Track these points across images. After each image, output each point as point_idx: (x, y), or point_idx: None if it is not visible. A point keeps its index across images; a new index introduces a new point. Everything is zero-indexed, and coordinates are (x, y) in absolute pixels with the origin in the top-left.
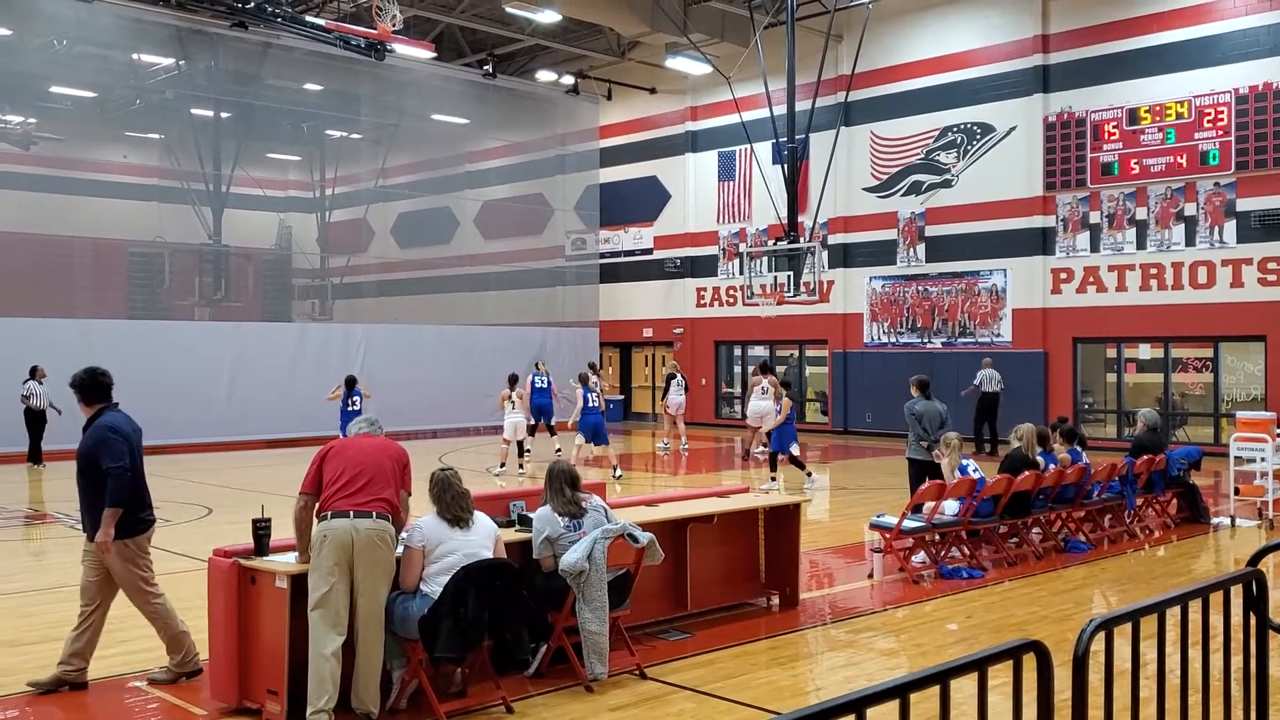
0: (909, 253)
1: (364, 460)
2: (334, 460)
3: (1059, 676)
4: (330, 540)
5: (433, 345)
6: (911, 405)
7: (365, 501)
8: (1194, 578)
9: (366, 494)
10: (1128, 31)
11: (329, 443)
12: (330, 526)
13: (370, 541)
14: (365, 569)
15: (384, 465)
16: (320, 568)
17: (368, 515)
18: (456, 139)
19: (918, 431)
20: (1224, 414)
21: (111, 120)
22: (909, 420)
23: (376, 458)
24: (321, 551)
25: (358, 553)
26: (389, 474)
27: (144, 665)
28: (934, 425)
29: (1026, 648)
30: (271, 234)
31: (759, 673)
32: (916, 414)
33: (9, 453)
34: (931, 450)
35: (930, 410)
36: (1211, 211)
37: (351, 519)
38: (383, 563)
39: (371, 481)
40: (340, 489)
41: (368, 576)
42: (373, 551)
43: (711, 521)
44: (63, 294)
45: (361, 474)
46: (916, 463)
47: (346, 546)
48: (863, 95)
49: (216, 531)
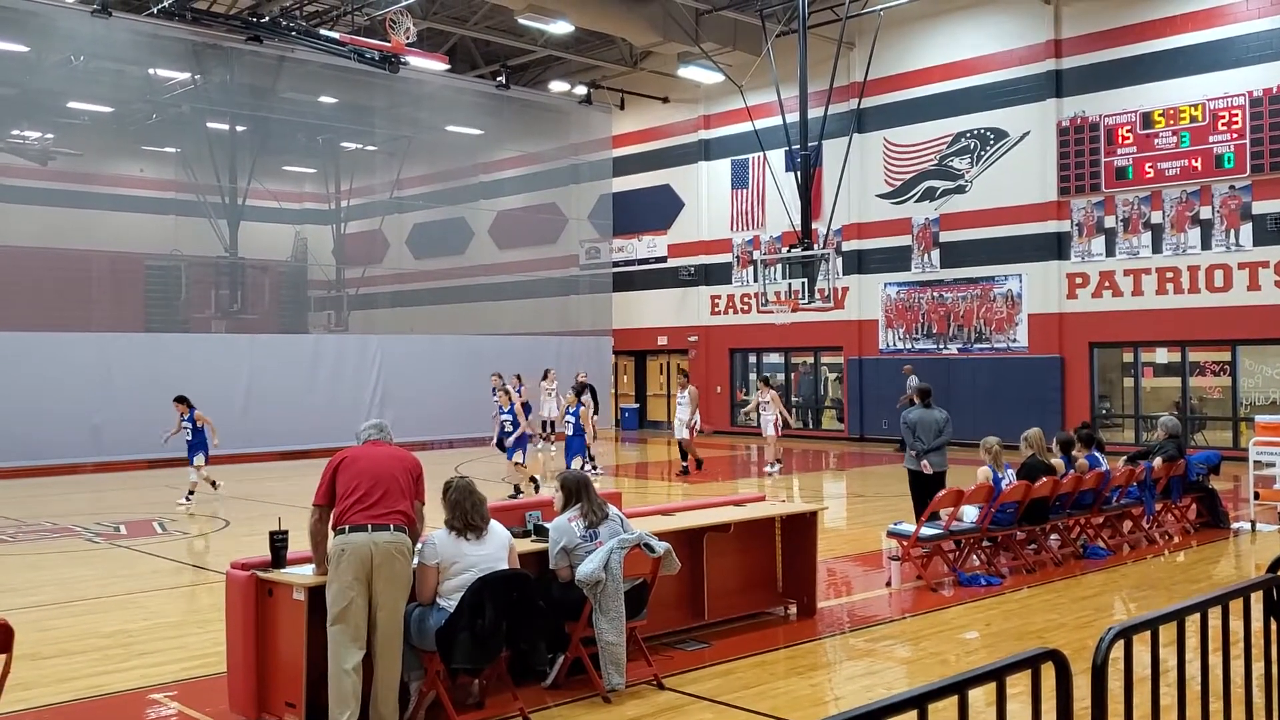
0: (923, 258)
1: (378, 472)
2: (347, 472)
3: (1078, 685)
4: (349, 554)
5: (448, 355)
6: (906, 414)
7: (382, 514)
8: (1214, 583)
9: (383, 506)
10: (1141, 35)
11: (340, 453)
12: (348, 540)
13: (388, 554)
14: (384, 582)
15: (397, 476)
16: (339, 581)
17: (385, 528)
18: (470, 150)
19: (909, 441)
20: (1243, 418)
21: (128, 135)
22: (902, 430)
23: (390, 468)
24: (340, 565)
25: (376, 566)
26: (403, 485)
27: (163, 679)
28: (929, 435)
29: (1045, 657)
30: (287, 246)
31: (777, 682)
32: (910, 424)
33: (32, 466)
34: (920, 460)
35: (926, 419)
36: (1227, 215)
37: (370, 532)
38: (401, 575)
39: (387, 494)
40: (356, 502)
41: (386, 589)
42: (391, 564)
43: (728, 530)
44: (81, 308)
45: (376, 486)
46: (911, 474)
47: (365, 560)
48: (875, 102)
49: (234, 544)
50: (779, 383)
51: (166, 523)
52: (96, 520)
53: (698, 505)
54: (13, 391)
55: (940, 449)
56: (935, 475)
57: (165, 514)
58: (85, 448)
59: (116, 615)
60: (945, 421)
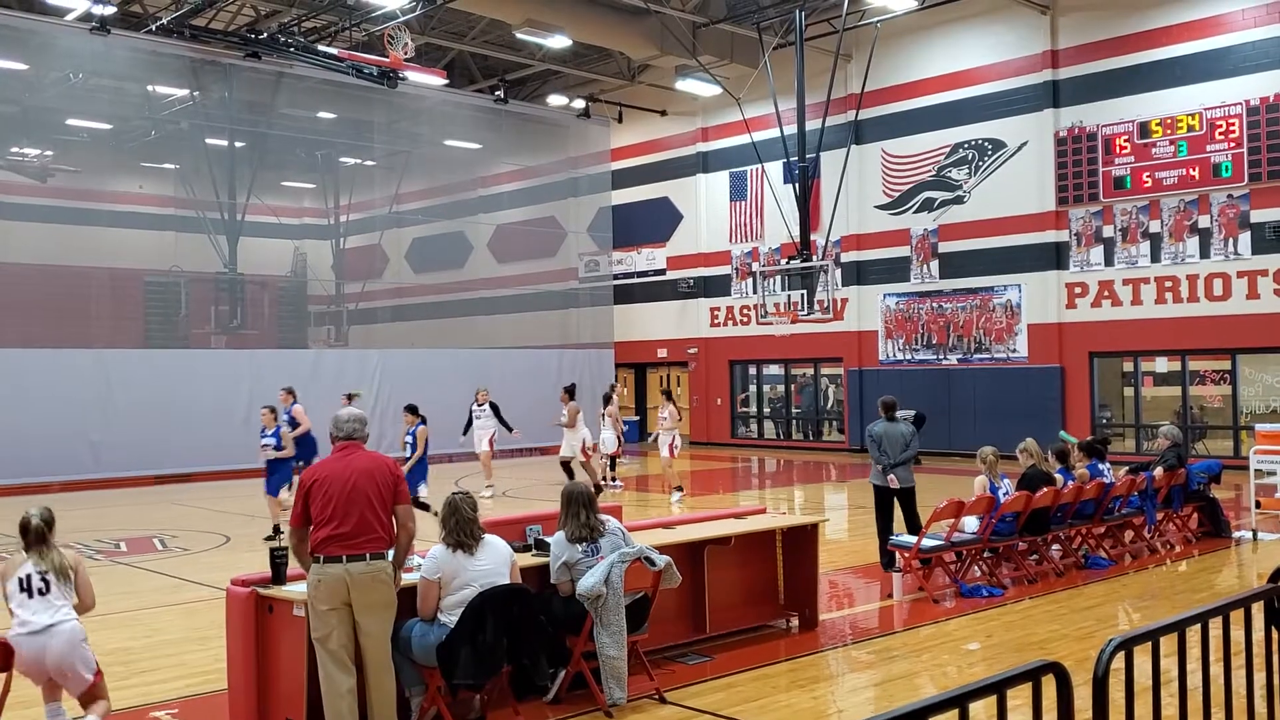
0: (922, 269)
1: (350, 494)
2: (319, 495)
3: (1080, 696)
4: (324, 586)
5: (448, 369)
6: (871, 428)
7: (358, 543)
8: (1216, 593)
9: (357, 534)
10: (1137, 46)
11: (311, 470)
12: (323, 571)
13: (364, 583)
14: (363, 609)
15: (370, 494)
16: (316, 612)
17: (360, 558)
18: (469, 164)
19: (874, 455)
20: (1243, 426)
21: (127, 151)
22: (868, 444)
23: (362, 486)
24: (315, 595)
25: (354, 595)
26: (378, 503)
27: (164, 696)
28: (895, 449)
29: (1046, 669)
30: (286, 261)
31: (779, 695)
32: (875, 437)
33: (31, 483)
34: (887, 475)
35: (891, 433)
36: (1225, 223)
37: (344, 564)
38: (381, 600)
39: (361, 518)
40: (331, 531)
41: (367, 615)
42: (369, 593)
43: (729, 543)
44: (80, 324)
45: (350, 511)
46: (877, 489)
47: (341, 591)
48: (873, 113)
49: (234, 560)
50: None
51: (167, 539)
52: (97, 537)
53: (698, 518)
54: (12, 408)
55: (906, 463)
56: (903, 490)
57: (165, 530)
58: (85, 464)
59: (117, 633)
60: (912, 435)
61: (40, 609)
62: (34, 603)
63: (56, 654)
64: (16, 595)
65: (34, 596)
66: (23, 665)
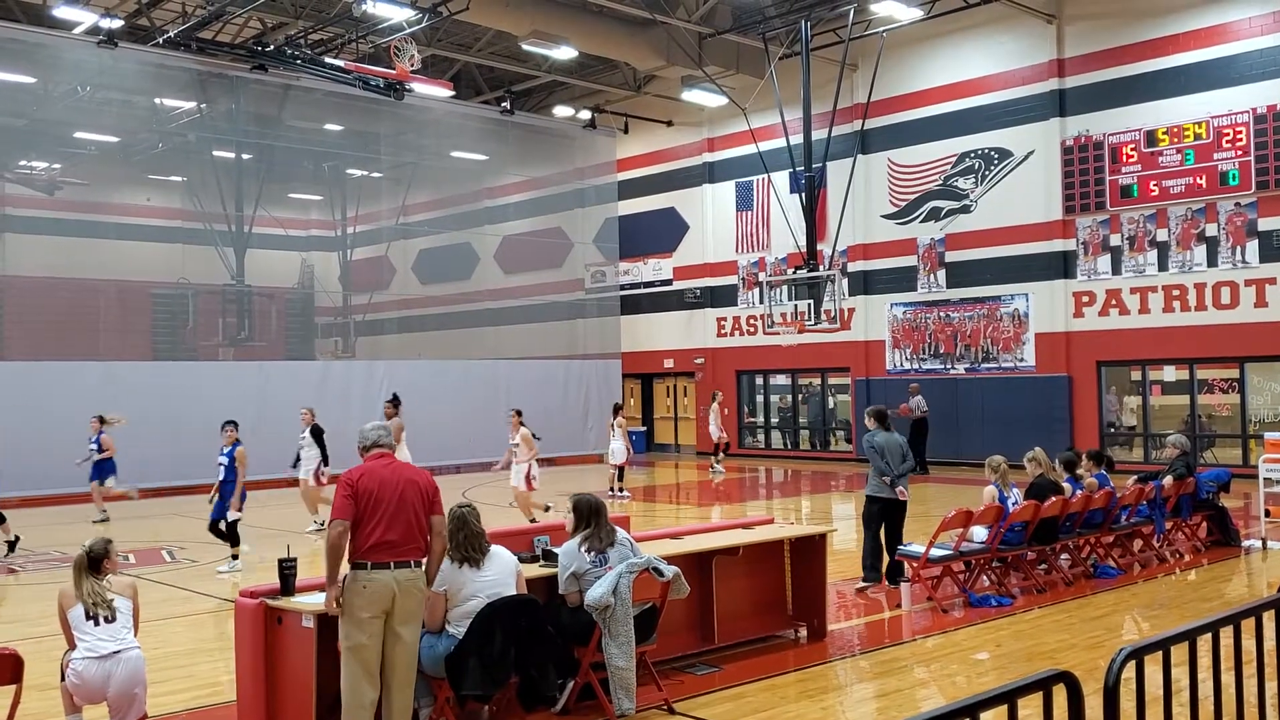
0: (929, 279)
1: (400, 500)
2: (367, 498)
3: (1091, 706)
4: (370, 592)
5: (455, 380)
6: (871, 438)
7: (404, 550)
8: (1226, 602)
9: (404, 541)
10: (1143, 54)
11: (355, 471)
12: (371, 578)
13: (407, 590)
14: (401, 617)
15: (416, 504)
16: (357, 619)
17: (406, 565)
18: (476, 175)
19: (880, 466)
20: (1252, 435)
21: (135, 164)
22: (869, 454)
23: (408, 497)
24: (358, 602)
25: (398, 602)
26: (421, 513)
27: (173, 708)
28: (896, 459)
29: (1056, 679)
30: (294, 273)
31: (788, 706)
32: (877, 447)
33: (40, 495)
34: (895, 486)
35: (891, 443)
36: (1233, 232)
37: (393, 571)
38: (417, 609)
39: (407, 527)
40: (380, 538)
41: (405, 623)
42: (409, 600)
43: (737, 554)
44: (88, 337)
45: (397, 519)
46: (879, 501)
47: (386, 599)
48: (879, 123)
49: (243, 572)
50: (785, 404)
51: (175, 551)
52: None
53: (706, 529)
54: (21, 420)
55: (905, 475)
56: (901, 503)
57: (174, 542)
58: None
59: None
60: (907, 445)
61: (106, 636)
62: (99, 630)
63: (120, 681)
64: (83, 624)
65: (99, 624)
66: (85, 690)
